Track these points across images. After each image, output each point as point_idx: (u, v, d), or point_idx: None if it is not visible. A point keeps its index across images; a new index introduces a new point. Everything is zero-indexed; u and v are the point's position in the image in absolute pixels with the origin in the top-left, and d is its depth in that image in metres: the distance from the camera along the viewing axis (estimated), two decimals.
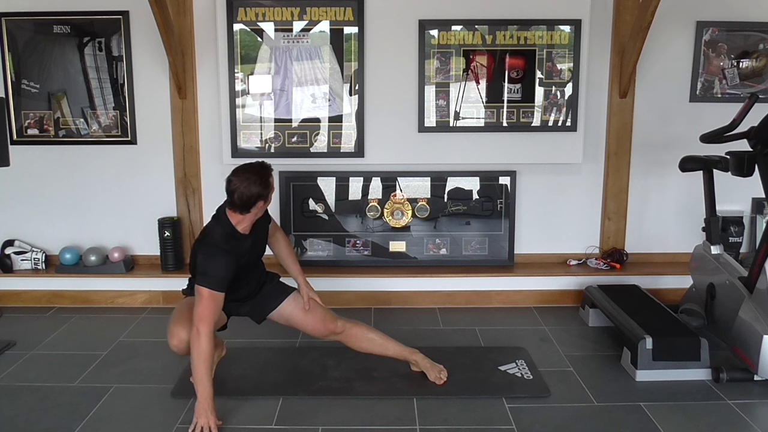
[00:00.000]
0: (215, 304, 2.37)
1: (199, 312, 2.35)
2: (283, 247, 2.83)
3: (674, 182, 3.76)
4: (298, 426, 2.41)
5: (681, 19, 3.67)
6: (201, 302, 2.35)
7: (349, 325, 2.73)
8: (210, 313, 2.36)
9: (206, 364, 2.35)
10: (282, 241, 2.84)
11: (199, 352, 2.33)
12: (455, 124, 3.67)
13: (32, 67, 3.64)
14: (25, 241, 3.81)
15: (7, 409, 2.53)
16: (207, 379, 2.36)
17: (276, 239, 2.82)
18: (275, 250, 2.83)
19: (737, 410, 2.51)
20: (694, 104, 3.75)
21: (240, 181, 2.40)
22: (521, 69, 3.63)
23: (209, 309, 2.36)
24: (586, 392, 2.67)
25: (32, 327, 3.39)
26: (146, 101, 3.70)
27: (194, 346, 2.34)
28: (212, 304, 2.36)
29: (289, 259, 2.83)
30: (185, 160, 3.74)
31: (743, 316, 2.79)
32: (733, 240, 3.78)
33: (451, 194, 3.80)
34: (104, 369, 2.90)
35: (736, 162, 2.87)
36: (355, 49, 3.57)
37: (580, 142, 3.68)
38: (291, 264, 2.82)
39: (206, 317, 2.35)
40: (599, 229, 3.88)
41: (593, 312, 3.40)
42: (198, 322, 2.34)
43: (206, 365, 2.35)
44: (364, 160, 3.70)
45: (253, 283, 2.69)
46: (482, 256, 3.80)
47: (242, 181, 2.40)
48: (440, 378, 2.71)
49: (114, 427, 2.41)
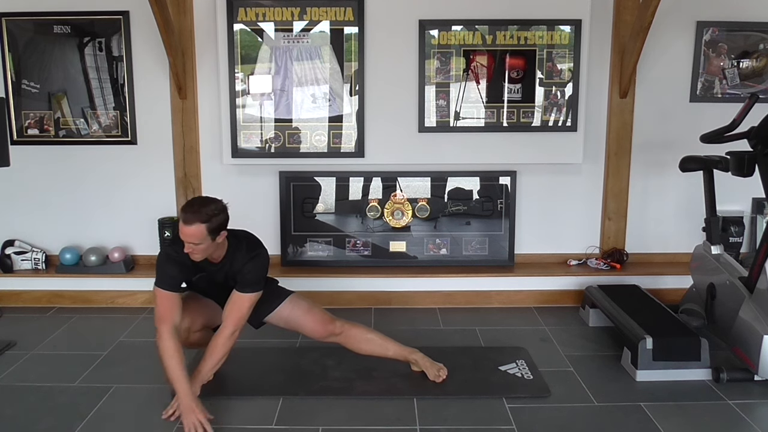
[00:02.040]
0: (169, 303, 2.44)
1: (156, 312, 2.45)
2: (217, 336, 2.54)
3: (674, 182, 3.76)
4: (298, 426, 2.41)
5: (681, 19, 3.66)
6: (156, 302, 2.45)
7: (348, 327, 2.73)
8: (165, 311, 2.43)
9: (175, 361, 2.38)
10: (223, 329, 2.52)
11: (164, 351, 2.39)
12: (455, 124, 3.67)
13: (32, 67, 3.64)
14: (26, 241, 3.81)
15: (7, 409, 2.53)
16: (181, 375, 2.38)
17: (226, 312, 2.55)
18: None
19: (737, 410, 2.51)
20: (694, 104, 3.75)
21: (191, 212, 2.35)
22: (521, 69, 3.63)
23: (164, 308, 2.43)
24: (587, 392, 2.67)
25: (32, 327, 3.39)
26: (146, 101, 3.70)
27: (159, 347, 2.40)
28: (166, 303, 2.44)
29: (209, 352, 2.54)
30: (185, 160, 3.74)
31: (743, 316, 2.79)
32: (733, 240, 3.78)
33: (451, 194, 3.80)
34: (104, 369, 2.89)
35: (736, 162, 2.87)
36: (355, 49, 3.57)
37: (580, 142, 3.68)
38: (206, 359, 2.53)
39: (163, 316, 2.42)
40: (599, 229, 3.88)
41: (593, 312, 3.40)
42: (157, 322, 2.43)
43: (176, 362, 2.38)
44: (364, 160, 3.70)
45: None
46: (482, 256, 3.80)
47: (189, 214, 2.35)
48: (439, 376, 2.71)
49: (114, 427, 2.41)
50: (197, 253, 2.40)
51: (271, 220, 3.78)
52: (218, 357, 2.53)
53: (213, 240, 2.38)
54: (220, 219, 2.38)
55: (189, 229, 2.33)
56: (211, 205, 2.37)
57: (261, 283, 2.57)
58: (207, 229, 2.33)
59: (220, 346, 2.52)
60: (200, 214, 2.32)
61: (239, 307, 2.52)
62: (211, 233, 2.35)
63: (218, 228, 2.38)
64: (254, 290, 2.53)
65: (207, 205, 2.37)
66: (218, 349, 2.52)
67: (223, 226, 2.41)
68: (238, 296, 2.52)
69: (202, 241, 2.35)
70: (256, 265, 2.53)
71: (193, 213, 2.33)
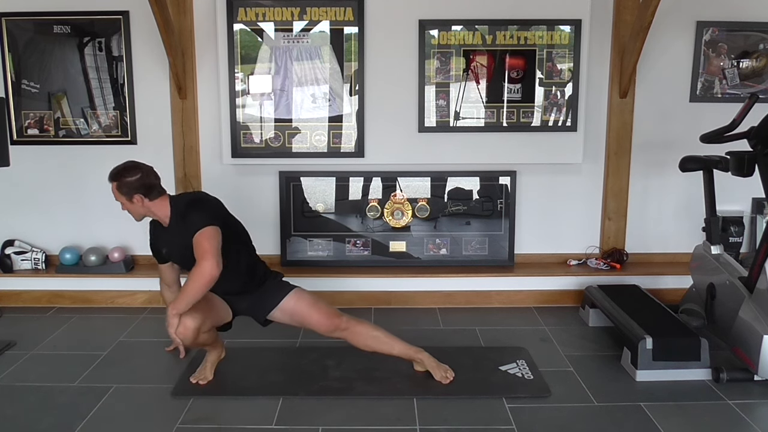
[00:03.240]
0: (161, 269, 2.85)
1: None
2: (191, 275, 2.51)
3: (674, 182, 3.76)
4: (298, 426, 2.41)
5: (681, 19, 3.67)
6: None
7: (354, 323, 2.71)
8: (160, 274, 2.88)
9: (168, 294, 2.88)
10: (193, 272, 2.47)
11: (163, 296, 2.95)
12: (455, 124, 3.67)
13: (32, 67, 3.64)
14: (25, 241, 3.81)
15: (7, 409, 2.53)
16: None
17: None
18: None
19: (737, 410, 2.51)
20: (694, 104, 3.75)
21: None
22: (521, 69, 3.63)
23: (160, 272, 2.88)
24: (587, 392, 2.67)
25: (32, 327, 3.39)
26: (146, 101, 3.70)
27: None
28: (160, 270, 2.86)
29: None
30: (185, 160, 3.74)
31: (743, 316, 2.79)
32: (733, 240, 3.78)
33: (451, 194, 3.80)
34: (104, 369, 2.89)
35: (736, 162, 2.87)
36: (355, 49, 3.57)
37: (580, 142, 3.68)
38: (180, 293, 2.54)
39: (160, 277, 2.90)
40: (599, 229, 3.88)
41: (593, 312, 3.40)
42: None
43: (169, 294, 2.86)
44: (364, 160, 3.70)
45: (237, 282, 2.66)
46: (482, 256, 3.80)
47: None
48: (446, 377, 2.70)
49: (114, 427, 2.41)
50: (130, 214, 2.66)
51: (271, 219, 3.78)
52: (189, 292, 2.42)
53: (129, 201, 2.58)
54: (131, 182, 2.56)
55: (111, 188, 2.61)
56: (123, 166, 2.60)
57: (207, 217, 2.50)
58: (116, 187, 2.57)
59: (190, 281, 2.43)
60: (113, 175, 2.58)
61: (197, 244, 2.45)
62: (121, 192, 2.57)
63: (129, 189, 2.56)
64: (203, 226, 2.46)
65: (127, 169, 2.59)
66: (188, 284, 2.43)
67: (134, 188, 2.56)
68: (194, 238, 2.46)
69: (120, 200, 2.61)
70: (194, 209, 2.55)
71: (111, 173, 2.59)
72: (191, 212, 2.54)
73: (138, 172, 2.58)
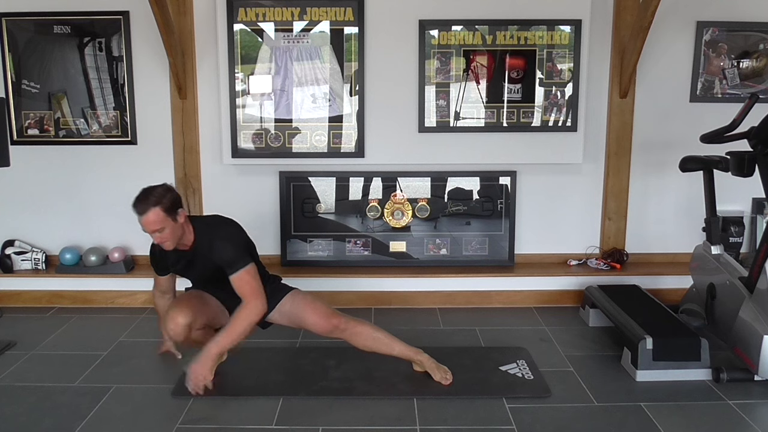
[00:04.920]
0: (160, 279, 2.79)
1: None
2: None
3: (674, 182, 3.76)
4: (298, 426, 2.41)
5: (681, 19, 3.67)
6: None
7: (353, 323, 2.71)
8: (157, 283, 2.83)
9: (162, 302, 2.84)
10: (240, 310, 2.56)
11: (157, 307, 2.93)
12: (455, 125, 3.67)
13: (32, 68, 3.64)
14: (26, 241, 3.81)
15: (7, 409, 2.53)
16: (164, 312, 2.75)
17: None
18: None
19: (737, 410, 2.51)
20: (694, 104, 3.75)
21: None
22: (521, 69, 3.63)
23: (156, 281, 2.82)
24: (587, 392, 2.67)
25: (32, 327, 3.39)
26: (146, 101, 3.70)
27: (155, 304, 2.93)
28: (158, 280, 2.80)
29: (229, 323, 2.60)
30: (185, 160, 3.74)
31: (743, 316, 2.79)
32: (733, 240, 3.78)
33: (451, 194, 3.80)
34: (104, 369, 2.89)
35: (736, 162, 2.87)
36: (355, 49, 3.57)
37: (580, 142, 3.68)
38: (225, 329, 2.60)
39: (155, 284, 2.84)
40: (599, 229, 3.88)
41: (593, 312, 3.40)
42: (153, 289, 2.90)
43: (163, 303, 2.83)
44: (364, 160, 3.70)
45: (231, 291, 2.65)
46: (482, 256, 3.80)
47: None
48: (446, 378, 2.70)
49: (114, 427, 2.40)
50: (167, 240, 2.45)
51: (271, 220, 3.78)
52: (237, 329, 2.54)
53: (174, 220, 2.43)
54: (170, 198, 2.44)
55: (148, 218, 2.39)
56: (156, 189, 2.44)
57: (241, 254, 2.55)
58: (162, 209, 2.39)
59: (238, 318, 2.54)
60: (149, 200, 2.39)
61: (240, 286, 2.55)
62: (168, 213, 2.40)
63: (173, 206, 2.43)
64: (241, 265, 2.53)
65: (152, 190, 2.44)
66: (237, 321, 2.54)
67: (176, 203, 2.46)
68: (234, 279, 2.54)
69: (165, 225, 2.40)
70: (224, 240, 2.55)
71: (143, 202, 2.39)
72: (222, 245, 2.54)
73: (164, 188, 2.46)
